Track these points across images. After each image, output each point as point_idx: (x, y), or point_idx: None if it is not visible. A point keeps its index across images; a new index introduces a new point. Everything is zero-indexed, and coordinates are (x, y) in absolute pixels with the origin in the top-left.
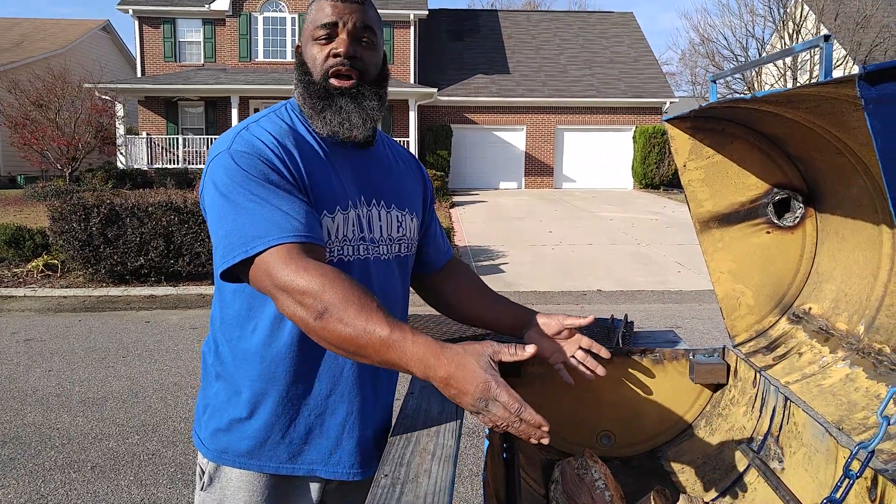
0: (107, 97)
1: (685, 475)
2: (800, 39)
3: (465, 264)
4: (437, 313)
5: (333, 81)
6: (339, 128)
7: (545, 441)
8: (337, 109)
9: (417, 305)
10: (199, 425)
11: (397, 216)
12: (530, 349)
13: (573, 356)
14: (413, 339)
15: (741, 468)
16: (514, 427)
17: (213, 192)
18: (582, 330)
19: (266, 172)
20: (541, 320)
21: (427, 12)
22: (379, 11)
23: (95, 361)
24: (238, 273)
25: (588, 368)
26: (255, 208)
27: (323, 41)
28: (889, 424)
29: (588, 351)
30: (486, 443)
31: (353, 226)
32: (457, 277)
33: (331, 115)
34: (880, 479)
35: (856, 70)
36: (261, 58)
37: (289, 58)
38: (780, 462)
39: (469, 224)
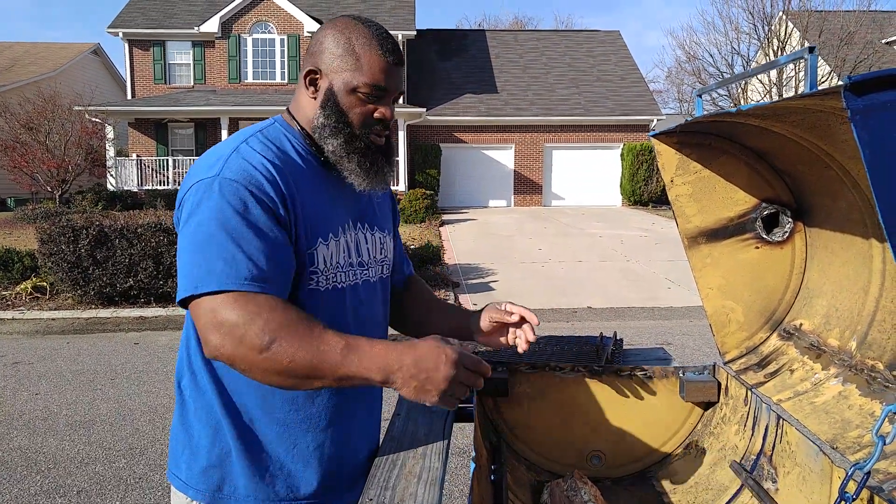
0: (97, 119)
1: (677, 496)
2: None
3: (421, 280)
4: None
5: (374, 140)
6: (377, 185)
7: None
8: (377, 169)
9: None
10: (177, 466)
11: (380, 238)
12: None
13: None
14: (369, 344)
15: (734, 488)
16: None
17: (189, 217)
18: (571, 347)
19: (250, 206)
20: (477, 322)
21: (415, 32)
22: None
23: (83, 384)
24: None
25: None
26: (223, 247)
27: (369, 100)
28: (885, 444)
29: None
30: (473, 465)
31: (344, 251)
32: (418, 294)
33: (373, 174)
34: (876, 499)
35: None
36: (250, 79)
37: (278, 79)
38: (773, 482)
39: (459, 242)
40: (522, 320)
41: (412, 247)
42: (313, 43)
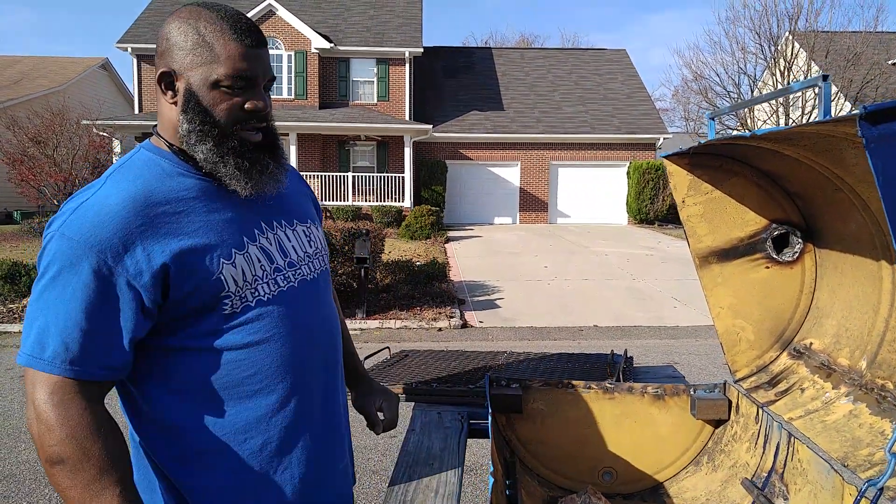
0: (104, 133)
1: None
2: (790, 76)
3: (333, 293)
4: (435, 349)
5: (248, 136)
6: (264, 187)
7: None
8: (262, 168)
9: (412, 341)
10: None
11: (304, 230)
12: None
13: None
14: None
15: None
16: None
17: (40, 271)
18: (582, 364)
19: (87, 274)
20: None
21: (422, 49)
22: (375, 49)
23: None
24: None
25: None
26: (57, 317)
27: (234, 92)
28: None
29: None
30: (491, 480)
31: (260, 260)
32: None
33: (257, 174)
34: None
35: (847, 107)
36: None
37: (285, 95)
38: (784, 499)
39: (464, 259)
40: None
41: (417, 263)
42: (159, 41)
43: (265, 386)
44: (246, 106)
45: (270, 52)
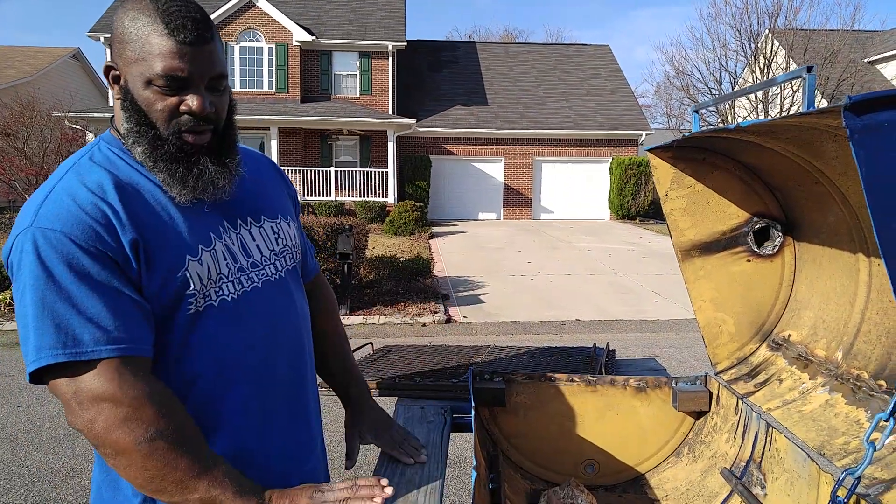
0: (77, 126)
1: (669, 502)
2: (770, 74)
3: (328, 290)
4: (418, 344)
5: (188, 138)
6: (203, 193)
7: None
8: (198, 174)
9: (396, 336)
10: None
11: (272, 227)
12: None
13: None
14: (240, 476)
15: (724, 494)
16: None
17: (16, 282)
18: (565, 357)
19: (76, 259)
20: (348, 421)
21: (405, 43)
22: (357, 42)
23: None
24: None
25: None
26: (63, 308)
27: (168, 92)
28: (875, 450)
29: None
30: (474, 474)
31: (225, 258)
32: (315, 303)
33: (193, 180)
34: (863, 503)
35: (824, 105)
36: (237, 88)
37: (266, 88)
38: (762, 488)
39: (448, 255)
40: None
41: (401, 259)
42: (112, 31)
43: (226, 391)
44: (181, 108)
45: (249, 44)
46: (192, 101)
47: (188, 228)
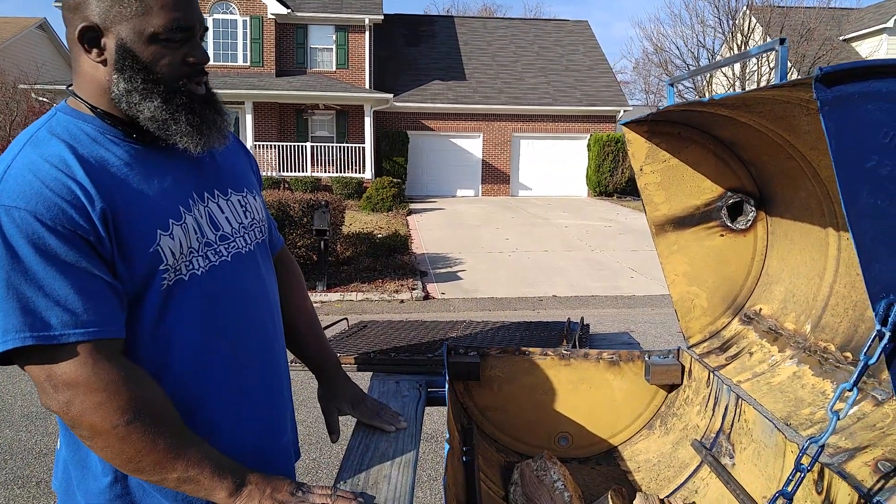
0: (44, 98)
1: (641, 474)
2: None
3: (293, 264)
4: (394, 319)
5: (196, 89)
6: (214, 142)
7: None
8: (211, 122)
9: (374, 313)
10: (71, 499)
11: (239, 200)
12: None
13: None
14: (219, 456)
15: (694, 465)
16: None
17: None
18: (539, 332)
19: (44, 237)
20: (326, 404)
21: (382, 17)
22: (333, 15)
23: None
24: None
25: None
26: (30, 290)
27: (173, 44)
28: (838, 419)
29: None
30: (447, 447)
31: (195, 231)
32: (282, 277)
33: (207, 129)
34: (826, 471)
35: None
36: (211, 61)
37: (240, 61)
38: (731, 458)
39: (427, 232)
40: None
41: (379, 235)
42: None
43: (202, 366)
44: (189, 59)
45: (222, 17)
46: (198, 54)
47: (157, 202)
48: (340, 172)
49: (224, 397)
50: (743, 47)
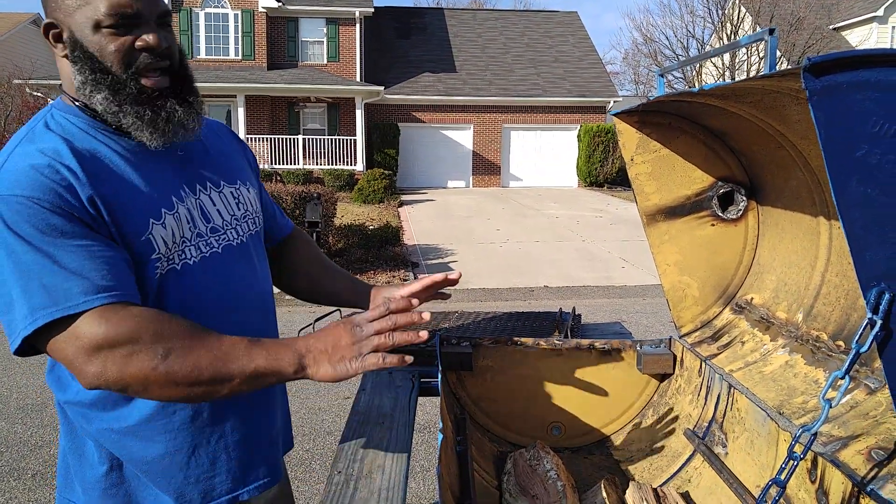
0: (39, 94)
1: (634, 463)
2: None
3: (306, 237)
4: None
5: (147, 81)
6: (174, 136)
7: (426, 316)
8: (167, 116)
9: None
10: (69, 489)
11: (231, 192)
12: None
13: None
14: (269, 339)
15: (687, 454)
16: (398, 331)
17: None
18: (531, 322)
19: (46, 218)
20: (374, 294)
21: (372, 9)
22: (324, 8)
23: (34, 367)
24: (35, 343)
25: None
26: (46, 271)
27: (119, 31)
28: (831, 407)
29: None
30: (440, 436)
31: (188, 222)
32: (296, 250)
33: (163, 123)
34: (820, 460)
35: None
36: (203, 55)
37: (232, 55)
38: (723, 447)
39: (418, 223)
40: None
41: (371, 227)
42: None
43: None
44: (136, 44)
45: (214, 11)
46: (148, 37)
47: (150, 193)
48: (332, 165)
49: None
50: (732, 37)
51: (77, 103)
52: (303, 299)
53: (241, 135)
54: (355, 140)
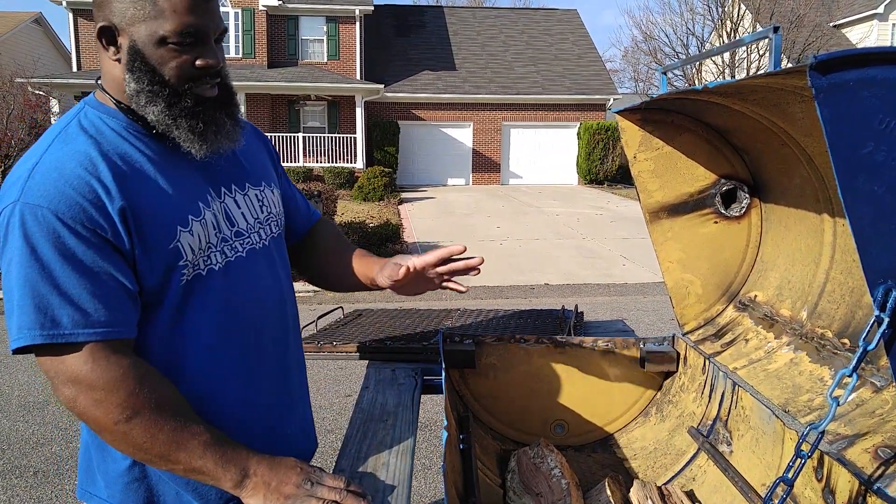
0: (40, 92)
1: (638, 461)
2: (736, 38)
3: (331, 224)
4: (389, 308)
5: (203, 91)
6: (221, 146)
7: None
8: (217, 129)
9: (367, 301)
10: (91, 482)
11: (256, 195)
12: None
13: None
14: (232, 445)
15: (691, 452)
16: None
17: (4, 250)
18: (534, 320)
19: (62, 237)
20: (382, 277)
21: (372, 7)
22: (324, 6)
23: (35, 365)
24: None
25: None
26: (44, 288)
27: (183, 49)
28: (838, 405)
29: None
30: (445, 434)
31: (214, 227)
32: (323, 239)
33: (212, 135)
34: (826, 458)
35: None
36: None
37: (232, 53)
38: (728, 445)
39: (418, 220)
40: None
41: (371, 225)
42: None
43: (216, 359)
44: (197, 63)
45: None
46: (209, 59)
47: (178, 199)
48: (332, 162)
49: (234, 387)
50: (732, 35)
51: (120, 105)
52: (333, 284)
53: None
54: (355, 138)
